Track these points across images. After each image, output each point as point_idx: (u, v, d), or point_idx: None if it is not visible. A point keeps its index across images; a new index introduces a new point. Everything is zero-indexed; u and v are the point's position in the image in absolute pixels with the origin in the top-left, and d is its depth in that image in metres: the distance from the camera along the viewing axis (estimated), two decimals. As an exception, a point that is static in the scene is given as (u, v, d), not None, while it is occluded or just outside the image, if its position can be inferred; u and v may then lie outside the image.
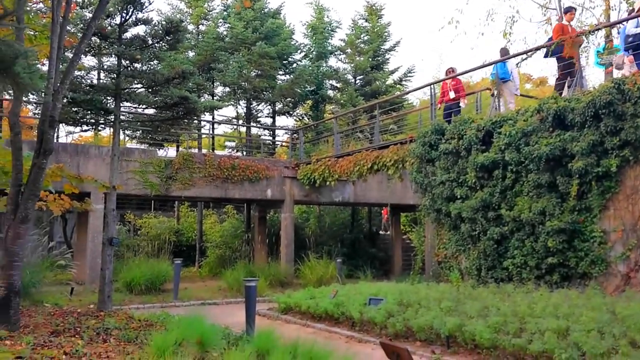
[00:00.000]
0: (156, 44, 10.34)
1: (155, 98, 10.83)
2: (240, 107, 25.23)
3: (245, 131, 25.52)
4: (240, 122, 25.65)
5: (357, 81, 26.01)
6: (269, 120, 25.96)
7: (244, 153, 23.50)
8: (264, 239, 20.34)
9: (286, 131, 26.56)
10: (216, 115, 25.16)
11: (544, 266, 9.59)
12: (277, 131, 26.25)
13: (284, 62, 23.81)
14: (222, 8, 25.02)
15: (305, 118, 26.30)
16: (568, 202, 9.41)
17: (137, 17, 10.30)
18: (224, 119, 27.13)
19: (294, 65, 24.62)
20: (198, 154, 17.88)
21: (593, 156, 9.04)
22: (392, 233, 22.19)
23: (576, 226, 9.28)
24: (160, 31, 10.17)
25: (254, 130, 26.27)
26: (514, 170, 10.21)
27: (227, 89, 24.01)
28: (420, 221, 19.25)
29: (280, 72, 24.17)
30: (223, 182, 17.25)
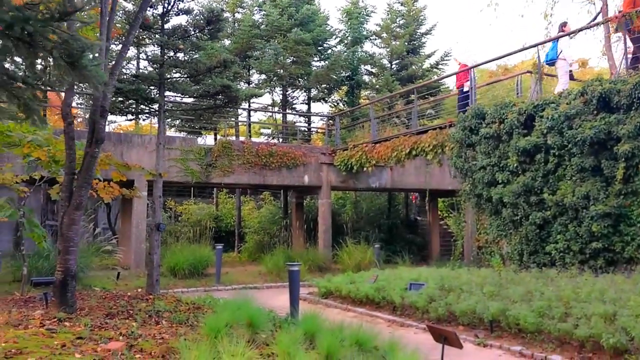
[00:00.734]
0: (197, 34, 10.51)
1: (197, 87, 11.04)
2: (276, 94, 25.40)
3: (282, 118, 25.69)
4: (276, 109, 25.82)
5: (393, 66, 25.82)
6: (304, 107, 26.08)
7: (280, 140, 23.68)
8: (301, 225, 20.55)
9: (321, 117, 26.63)
10: (252, 102, 25.38)
11: (588, 251, 9.48)
12: (312, 118, 26.34)
13: (319, 48, 23.80)
14: (257, -5, 25.14)
15: (341, 104, 26.28)
16: (613, 186, 9.26)
17: (179, 7, 10.48)
18: (260, 106, 27.34)
19: (329, 51, 24.58)
20: (236, 141, 18.13)
21: (640, 139, 8.86)
22: (430, 218, 22.10)
23: (622, 210, 9.12)
24: (201, 21, 10.33)
25: (289, 117, 26.42)
26: (557, 154, 10.07)
27: (262, 77, 24.17)
28: (457, 206, 19.16)
29: (315, 59, 24.17)
30: (261, 169, 17.47)
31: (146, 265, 14.68)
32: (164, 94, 10.29)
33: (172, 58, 10.60)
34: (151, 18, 10.66)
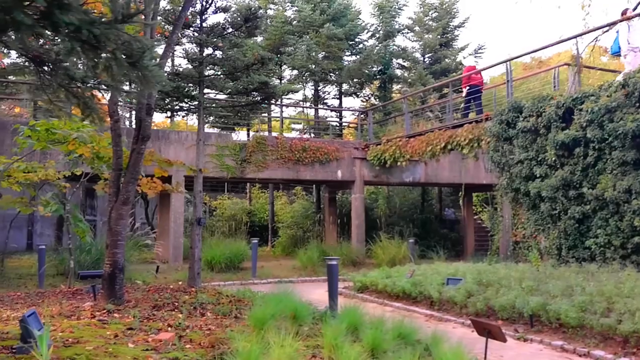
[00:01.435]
0: (235, 32, 10.67)
1: (234, 83, 11.22)
2: (308, 89, 25.52)
3: (313, 113, 25.80)
4: (308, 104, 25.94)
5: (425, 59, 25.67)
6: (336, 102, 26.13)
7: (312, 135, 23.81)
8: (334, 220, 20.66)
9: (353, 112, 26.64)
10: (284, 98, 25.56)
11: (629, 246, 9.34)
12: (343, 113, 26.38)
13: (351, 42, 23.81)
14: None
15: (373, 99, 26.26)
16: (657, 180, 9.10)
17: (217, 5, 10.67)
18: (292, 101, 27.51)
19: (360, 45, 24.57)
20: (270, 137, 18.32)
21: (685, 132, 8.69)
22: (464, 213, 21.96)
23: (666, 205, 8.96)
24: (239, 18, 10.49)
25: (320, 113, 26.51)
26: (597, 147, 9.93)
27: (294, 72, 24.31)
28: (491, 201, 18.99)
29: (347, 53, 24.19)
30: (294, 164, 17.63)
31: (184, 259, 15.03)
32: (203, 91, 10.50)
33: (210, 56, 10.80)
34: (189, 16, 10.87)
